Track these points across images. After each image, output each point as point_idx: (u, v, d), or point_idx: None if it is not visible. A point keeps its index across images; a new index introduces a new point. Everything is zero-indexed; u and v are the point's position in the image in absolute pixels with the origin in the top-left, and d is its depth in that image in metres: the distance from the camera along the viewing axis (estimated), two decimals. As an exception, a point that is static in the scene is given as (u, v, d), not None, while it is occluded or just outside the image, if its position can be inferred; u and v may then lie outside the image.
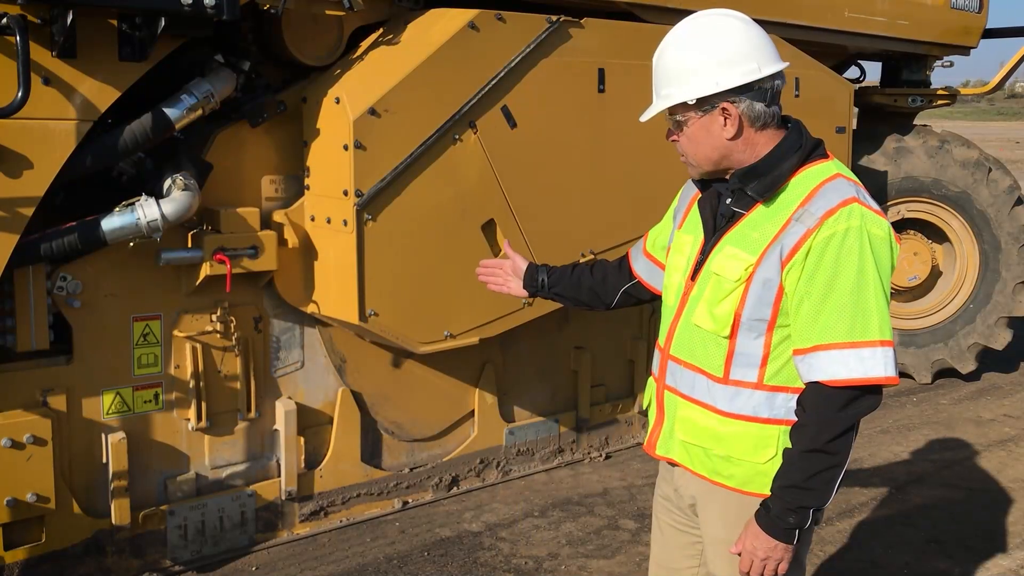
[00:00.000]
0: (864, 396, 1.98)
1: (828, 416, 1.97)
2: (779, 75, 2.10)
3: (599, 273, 2.60)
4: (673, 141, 2.19)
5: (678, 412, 2.23)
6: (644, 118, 2.21)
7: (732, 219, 2.14)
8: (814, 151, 2.12)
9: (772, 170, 2.07)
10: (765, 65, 2.07)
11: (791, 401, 2.07)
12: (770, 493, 2.04)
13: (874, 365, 1.95)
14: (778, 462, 2.06)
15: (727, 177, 2.16)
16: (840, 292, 1.96)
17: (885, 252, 2.01)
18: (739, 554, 2.09)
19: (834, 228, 1.97)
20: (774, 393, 2.09)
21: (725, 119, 2.07)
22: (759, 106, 2.07)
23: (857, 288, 1.96)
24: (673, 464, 2.30)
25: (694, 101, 2.06)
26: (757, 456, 2.09)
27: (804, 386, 2.04)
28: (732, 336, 2.09)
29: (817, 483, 1.98)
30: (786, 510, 2.00)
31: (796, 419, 2.05)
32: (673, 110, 2.12)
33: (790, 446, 2.03)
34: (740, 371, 2.10)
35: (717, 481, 2.16)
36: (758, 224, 2.08)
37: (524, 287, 2.65)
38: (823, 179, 2.07)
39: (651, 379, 2.38)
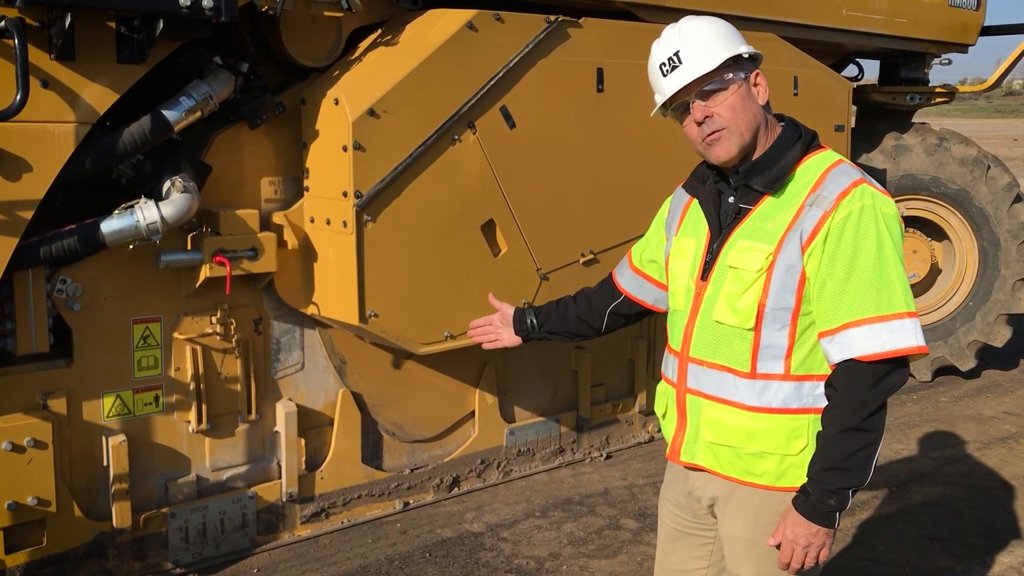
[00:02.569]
0: (895, 370, 2.00)
1: (863, 393, 1.98)
2: None
3: (583, 300, 2.62)
4: (705, 119, 2.10)
5: (703, 414, 2.20)
6: (703, 71, 2.07)
7: (739, 215, 2.16)
8: (812, 142, 2.17)
9: (776, 162, 2.11)
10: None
11: (817, 388, 2.08)
12: (807, 479, 2.04)
13: (905, 336, 1.97)
14: (810, 452, 2.07)
15: (729, 175, 2.18)
16: (863, 268, 1.99)
17: (897, 228, 2.05)
18: (777, 546, 2.08)
19: (849, 208, 2.01)
20: (801, 382, 2.10)
21: (758, 86, 2.14)
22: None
23: (878, 263, 1.99)
24: (696, 469, 2.27)
25: (748, 55, 2.11)
26: (790, 448, 2.10)
27: (832, 368, 2.05)
28: (757, 329, 2.09)
29: (856, 462, 1.98)
30: (827, 493, 1.99)
31: (827, 402, 2.05)
32: (711, 76, 2.08)
33: (822, 430, 2.04)
34: (767, 364, 2.10)
35: (748, 481, 2.15)
36: (770, 215, 2.11)
37: (516, 333, 2.68)
38: (828, 165, 2.11)
39: (664, 385, 2.36)
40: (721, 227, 2.19)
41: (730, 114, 2.10)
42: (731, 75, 2.10)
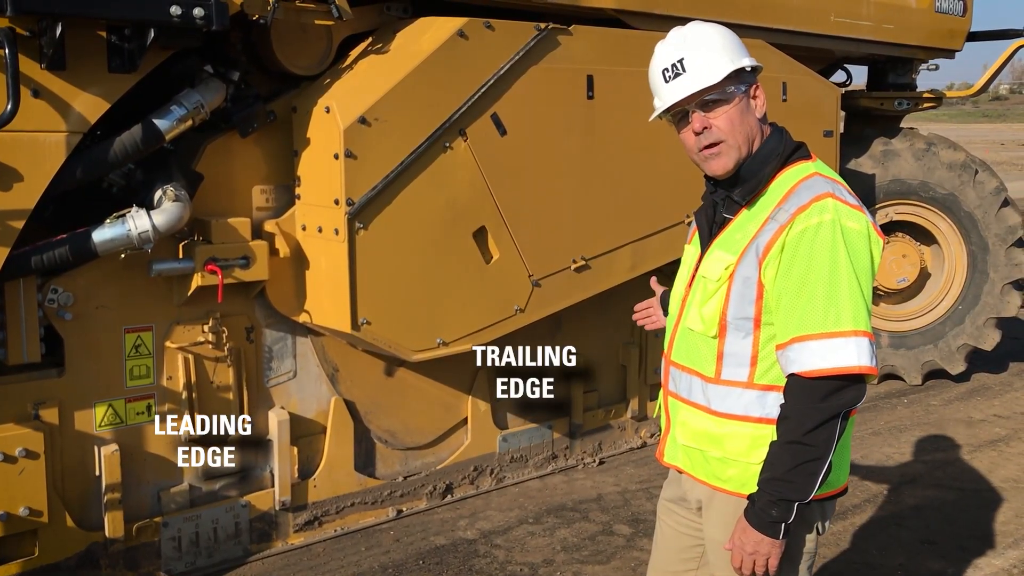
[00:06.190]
0: (845, 388, 1.97)
1: (806, 407, 1.98)
2: None
3: None
4: (703, 130, 2.10)
5: (679, 416, 2.26)
6: (707, 83, 2.07)
7: (722, 225, 2.19)
8: (794, 154, 2.16)
9: (754, 175, 2.13)
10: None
11: (782, 399, 2.09)
12: (756, 487, 2.05)
13: (847, 355, 1.95)
14: None
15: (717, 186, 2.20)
16: (813, 284, 1.98)
17: (860, 245, 2.02)
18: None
19: (806, 223, 2.01)
20: (764, 392, 2.10)
21: (756, 99, 2.14)
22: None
23: (830, 280, 1.97)
24: (680, 471, 2.31)
25: (751, 68, 2.11)
26: (752, 456, 2.10)
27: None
28: (721, 336, 2.12)
29: (797, 476, 1.98)
30: (769, 503, 2.00)
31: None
32: (713, 88, 2.08)
33: (774, 440, 2.04)
34: (730, 371, 2.13)
35: (717, 486, 2.18)
36: (742, 226, 2.13)
37: (665, 315, 2.64)
38: (800, 178, 2.11)
39: (661, 389, 2.41)
40: (711, 236, 2.22)
41: (729, 127, 2.11)
42: (733, 88, 2.10)
